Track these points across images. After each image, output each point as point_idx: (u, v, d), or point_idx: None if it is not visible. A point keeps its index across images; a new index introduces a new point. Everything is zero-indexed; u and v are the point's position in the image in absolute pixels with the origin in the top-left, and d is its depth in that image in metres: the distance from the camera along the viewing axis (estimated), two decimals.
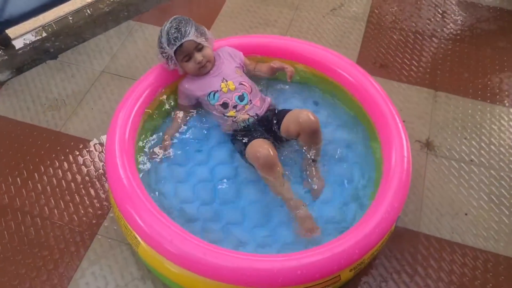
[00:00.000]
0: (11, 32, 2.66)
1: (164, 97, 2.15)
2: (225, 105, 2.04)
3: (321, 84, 2.25)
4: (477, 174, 2.18)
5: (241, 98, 2.04)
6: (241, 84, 2.07)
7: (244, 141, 1.93)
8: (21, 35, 2.71)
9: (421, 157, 2.23)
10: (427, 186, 2.13)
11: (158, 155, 2.03)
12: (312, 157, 1.96)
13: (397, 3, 2.99)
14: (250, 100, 2.04)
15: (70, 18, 2.81)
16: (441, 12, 2.94)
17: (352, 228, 1.68)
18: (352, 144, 2.13)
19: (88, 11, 2.86)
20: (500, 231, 2.00)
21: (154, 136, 2.10)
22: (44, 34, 2.72)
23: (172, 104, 2.18)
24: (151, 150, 2.05)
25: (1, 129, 2.28)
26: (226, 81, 2.06)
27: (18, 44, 2.67)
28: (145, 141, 2.06)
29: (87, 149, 2.21)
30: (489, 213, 2.05)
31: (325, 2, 2.98)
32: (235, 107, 2.03)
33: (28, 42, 2.67)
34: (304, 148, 1.97)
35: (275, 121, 2.00)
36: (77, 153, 2.20)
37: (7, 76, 2.50)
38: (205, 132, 2.11)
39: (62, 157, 2.18)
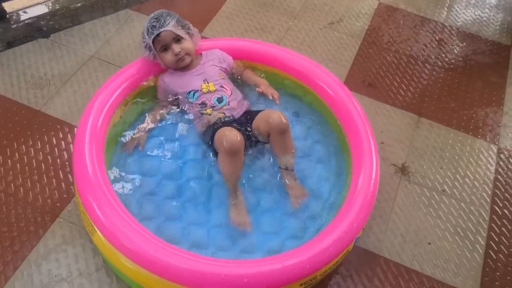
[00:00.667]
0: (7, 6, 2.67)
1: (145, 89, 2.15)
2: (203, 105, 2.05)
3: (304, 97, 2.24)
4: (447, 204, 2.17)
5: (220, 100, 2.06)
6: (222, 87, 2.09)
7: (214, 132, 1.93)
8: (18, 10, 2.72)
9: (394, 181, 2.23)
10: (395, 210, 2.13)
11: (130, 147, 2.03)
12: (285, 166, 1.95)
13: (395, 25, 2.99)
14: (228, 102, 2.05)
15: (65, 1, 2.82)
16: (437, 39, 2.94)
17: (307, 243, 1.67)
18: (326, 160, 2.13)
19: None
20: (460, 265, 1.99)
21: (130, 127, 2.10)
22: (40, 12, 2.73)
23: (150, 98, 2.17)
24: (124, 141, 2.05)
25: None
26: (208, 82, 2.08)
27: (13, 19, 2.67)
28: (121, 132, 2.06)
29: (63, 132, 2.21)
30: (452, 246, 2.04)
31: (325, 15, 2.98)
32: (212, 107, 2.04)
33: (23, 18, 2.68)
34: (276, 153, 1.95)
35: (248, 120, 2.00)
36: (53, 134, 2.20)
37: None
38: (180, 129, 2.10)
39: (37, 136, 2.18)
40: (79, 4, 2.80)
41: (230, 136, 1.81)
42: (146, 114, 2.14)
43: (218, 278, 1.53)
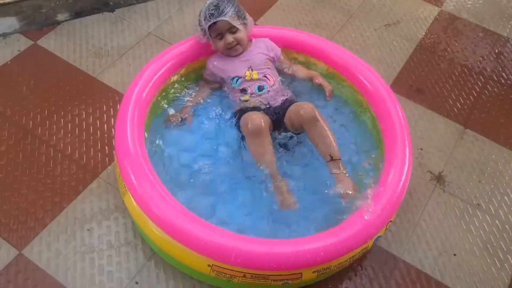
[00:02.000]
0: None
1: (193, 68, 2.24)
2: (243, 91, 2.11)
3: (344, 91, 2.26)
4: (479, 219, 2.11)
5: (260, 88, 2.10)
6: (265, 76, 2.12)
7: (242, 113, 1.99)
8: None
9: (428, 188, 2.19)
10: (424, 217, 2.10)
11: (175, 121, 2.11)
12: (329, 155, 1.87)
13: (454, 33, 2.92)
14: (268, 91, 2.09)
15: None
16: (497, 52, 2.84)
17: (326, 232, 1.70)
18: (358, 157, 2.13)
19: None
20: (484, 281, 1.94)
21: (175, 103, 2.19)
22: None
23: (198, 77, 2.26)
24: (170, 114, 2.14)
25: (46, 63, 2.47)
26: (252, 70, 2.13)
27: None
28: (165, 106, 2.16)
29: (113, 100, 2.35)
30: (479, 261, 1.99)
31: (382, 17, 2.96)
32: (252, 94, 2.09)
33: None
34: (316, 144, 1.93)
35: (285, 109, 2.03)
36: (104, 100, 2.34)
37: (65, 17, 2.70)
38: (220, 111, 2.17)
39: (90, 101, 2.34)
40: None
41: (253, 118, 1.87)
42: (191, 92, 2.23)
43: (227, 249, 1.59)
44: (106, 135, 2.21)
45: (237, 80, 2.12)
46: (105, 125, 2.25)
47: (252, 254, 1.62)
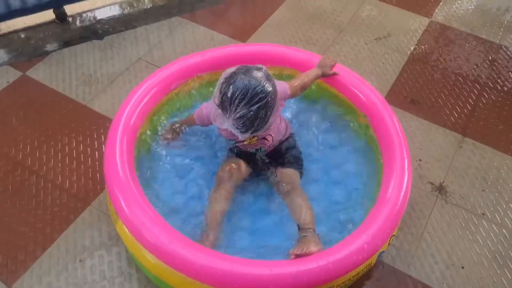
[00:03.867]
0: (69, 9, 2.86)
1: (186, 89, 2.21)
2: (237, 147, 1.99)
3: (339, 105, 2.22)
4: (486, 229, 2.04)
5: (257, 150, 1.96)
6: (264, 138, 1.90)
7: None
8: (77, 14, 2.90)
9: (430, 200, 2.13)
10: (428, 229, 2.03)
11: (168, 138, 2.05)
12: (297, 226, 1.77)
13: (446, 43, 2.90)
14: (265, 151, 1.97)
15: (124, 6, 2.97)
16: (490, 59, 2.82)
17: (325, 250, 1.63)
18: (357, 172, 2.07)
19: (143, 1, 3.02)
20: None
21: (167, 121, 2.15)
22: (98, 17, 2.89)
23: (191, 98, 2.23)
24: (160, 132, 2.08)
25: (35, 94, 2.44)
26: (253, 136, 1.85)
27: (72, 21, 2.86)
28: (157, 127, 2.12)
29: (104, 127, 2.31)
30: (488, 272, 1.91)
31: (372, 30, 2.95)
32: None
33: (81, 21, 2.86)
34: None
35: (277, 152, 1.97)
36: (95, 127, 2.30)
37: (54, 47, 2.69)
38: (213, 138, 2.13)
39: (80, 129, 2.30)
40: (134, 10, 2.95)
41: (226, 171, 1.85)
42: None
43: (226, 273, 1.52)
44: (97, 163, 2.16)
45: (234, 142, 1.97)
46: (96, 152, 2.21)
47: (251, 278, 1.55)
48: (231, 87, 1.59)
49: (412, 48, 2.85)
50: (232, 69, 1.66)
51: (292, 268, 1.56)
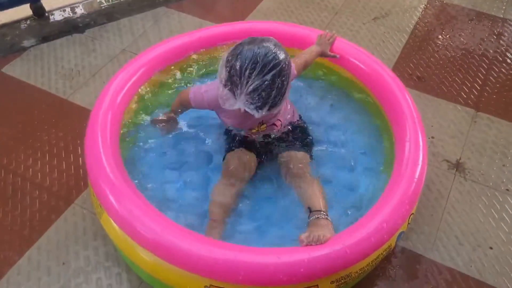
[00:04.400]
0: (48, 4, 2.69)
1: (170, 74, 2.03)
2: (244, 136, 1.76)
3: (339, 82, 2.04)
4: (511, 205, 1.85)
5: (266, 136, 1.76)
6: (274, 124, 1.73)
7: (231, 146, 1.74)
8: (57, 8, 2.73)
9: (448, 178, 1.94)
10: (448, 209, 1.83)
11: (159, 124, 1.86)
12: (307, 209, 1.55)
13: (447, 19, 2.75)
14: (274, 136, 1.77)
15: (103, 0, 2.82)
16: (496, 33, 2.66)
17: (338, 234, 1.43)
18: (364, 152, 1.89)
19: None
20: None
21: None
22: (78, 11, 2.72)
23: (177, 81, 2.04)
24: (153, 118, 1.89)
25: (11, 90, 2.26)
26: (262, 124, 1.70)
27: (51, 16, 2.68)
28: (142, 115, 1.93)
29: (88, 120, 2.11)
30: None
31: (369, 11, 2.79)
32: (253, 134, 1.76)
33: (61, 17, 2.68)
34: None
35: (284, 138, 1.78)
36: (77, 121, 2.11)
37: (31, 43, 2.51)
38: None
39: (61, 124, 2.10)
40: (116, 2, 2.78)
41: (237, 166, 1.65)
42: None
43: (232, 264, 1.32)
44: (80, 158, 1.97)
45: (240, 129, 1.75)
46: (79, 148, 2.01)
47: (257, 268, 1.34)
48: (238, 58, 1.39)
49: (412, 26, 2.70)
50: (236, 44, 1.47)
51: (303, 255, 1.36)
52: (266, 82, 1.37)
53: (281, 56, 1.41)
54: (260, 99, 1.39)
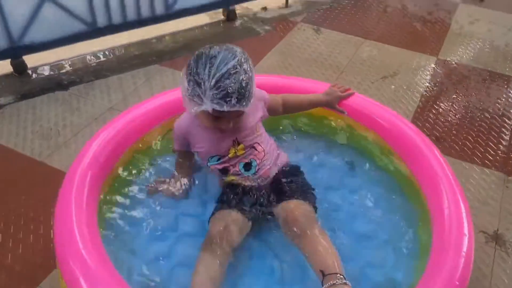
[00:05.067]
0: (30, 60, 2.48)
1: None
2: (225, 171, 1.55)
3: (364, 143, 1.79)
4: None
5: (247, 167, 1.54)
6: (253, 147, 1.54)
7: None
8: (40, 65, 2.52)
9: (488, 253, 1.66)
10: None
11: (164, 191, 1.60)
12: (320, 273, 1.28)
13: (460, 78, 2.59)
14: (258, 169, 1.54)
15: (94, 57, 2.61)
16: None
17: None
18: (390, 222, 1.60)
19: (117, 52, 2.67)
20: None
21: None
22: (63, 69, 2.52)
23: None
24: (150, 184, 1.62)
25: None
26: (238, 144, 1.53)
27: (33, 73, 2.47)
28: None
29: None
30: None
31: (375, 70, 2.63)
32: (237, 174, 1.55)
33: (43, 73, 2.48)
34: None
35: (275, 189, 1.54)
36: (51, 187, 1.79)
37: (8, 100, 2.27)
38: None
39: (32, 190, 1.81)
40: (105, 59, 2.59)
41: (221, 232, 1.38)
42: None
43: None
44: (51, 230, 1.65)
45: (217, 158, 1.55)
46: (52, 217, 1.69)
47: None
48: (198, 61, 1.36)
49: (423, 85, 2.52)
50: None
51: None
52: (227, 71, 1.34)
53: (238, 50, 1.40)
54: (225, 89, 1.33)
